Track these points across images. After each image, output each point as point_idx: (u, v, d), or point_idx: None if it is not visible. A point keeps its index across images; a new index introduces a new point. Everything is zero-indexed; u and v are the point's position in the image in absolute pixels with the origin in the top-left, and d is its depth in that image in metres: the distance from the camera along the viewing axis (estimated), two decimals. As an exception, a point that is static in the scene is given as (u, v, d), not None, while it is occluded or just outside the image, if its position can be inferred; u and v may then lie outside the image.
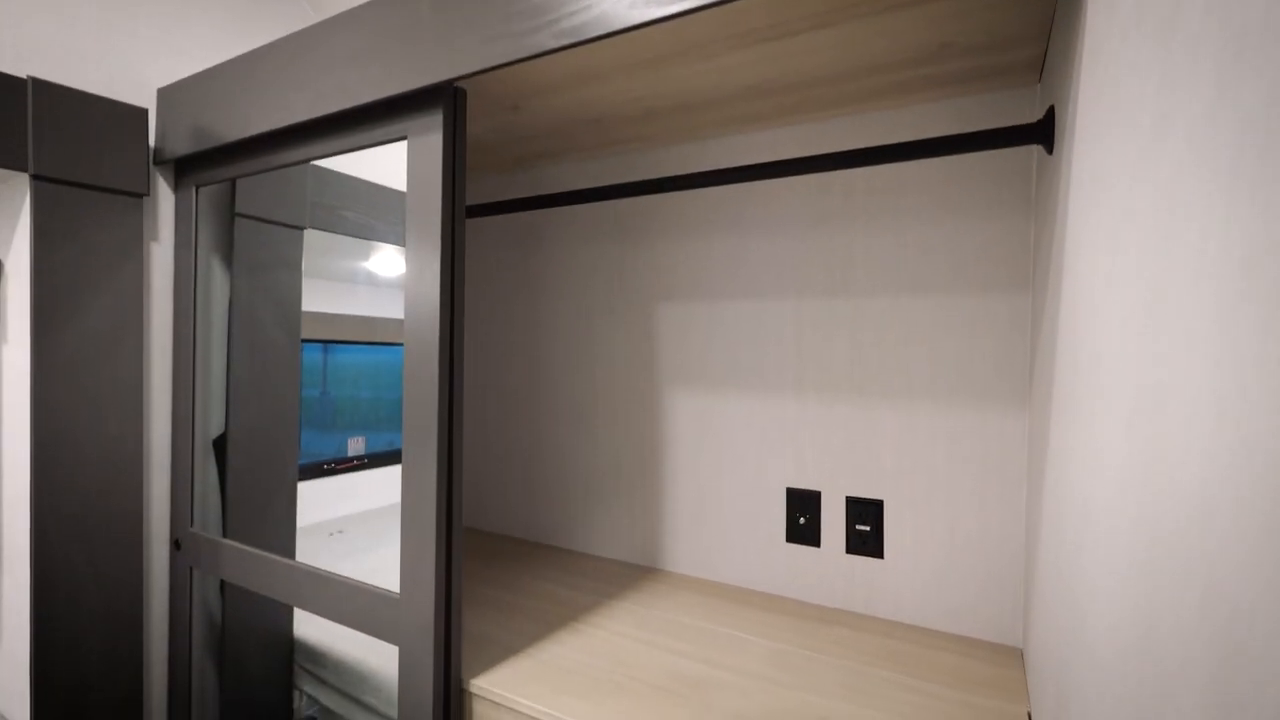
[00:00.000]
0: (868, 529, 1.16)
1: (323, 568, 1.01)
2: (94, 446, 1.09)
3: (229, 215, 1.29)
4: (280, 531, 1.36)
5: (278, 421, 1.34)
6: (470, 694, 0.91)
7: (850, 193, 1.14)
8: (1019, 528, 1.04)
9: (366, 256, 2.03)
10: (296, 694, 1.39)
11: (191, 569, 1.20)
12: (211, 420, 1.29)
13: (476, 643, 1.03)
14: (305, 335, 2.32)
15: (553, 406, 1.54)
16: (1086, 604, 0.51)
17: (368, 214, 1.56)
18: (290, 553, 1.38)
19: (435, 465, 0.85)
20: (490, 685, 0.89)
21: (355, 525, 2.15)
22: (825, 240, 1.17)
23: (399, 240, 1.67)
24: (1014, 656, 1.00)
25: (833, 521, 1.19)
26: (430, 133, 0.87)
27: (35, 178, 1.01)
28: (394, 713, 1.22)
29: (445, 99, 0.86)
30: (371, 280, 2.26)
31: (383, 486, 2.70)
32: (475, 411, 1.70)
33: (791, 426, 1.23)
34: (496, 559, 1.46)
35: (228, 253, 1.30)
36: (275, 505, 1.34)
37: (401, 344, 0.90)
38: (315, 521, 2.23)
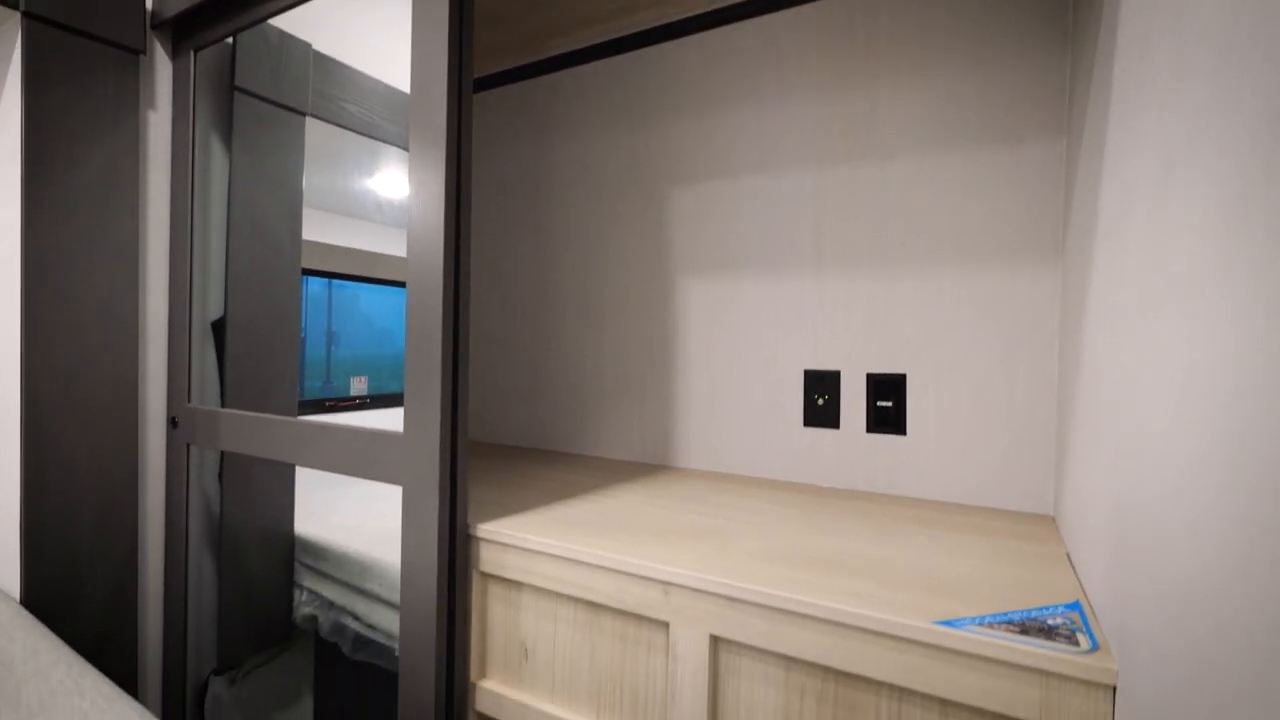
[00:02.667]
0: (889, 405, 1.11)
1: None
2: (88, 304, 1.05)
3: (228, 90, 1.25)
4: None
5: (279, 307, 1.30)
6: (476, 538, 0.86)
7: (873, 39, 1.09)
8: (1050, 391, 0.99)
9: (371, 173, 1.99)
10: (297, 591, 1.36)
11: (189, 446, 1.16)
12: (210, 302, 1.25)
13: (481, 505, 0.98)
14: (309, 265, 2.29)
15: (560, 313, 1.50)
16: (1150, 472, 0.46)
17: (371, 110, 1.52)
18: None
19: (441, 302, 0.81)
20: (497, 529, 0.85)
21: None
22: (845, 101, 1.12)
23: (403, 142, 1.62)
24: (1044, 521, 0.95)
25: (852, 401, 1.15)
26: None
27: (27, 15, 0.97)
28: (396, 597, 1.18)
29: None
30: (376, 204, 2.22)
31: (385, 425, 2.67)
32: (480, 321, 1.65)
33: (810, 307, 1.18)
34: (500, 461, 1.42)
35: (227, 132, 1.26)
36: (276, 394, 1.30)
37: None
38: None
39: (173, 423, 1.18)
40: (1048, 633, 0.55)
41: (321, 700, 1.42)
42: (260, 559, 1.31)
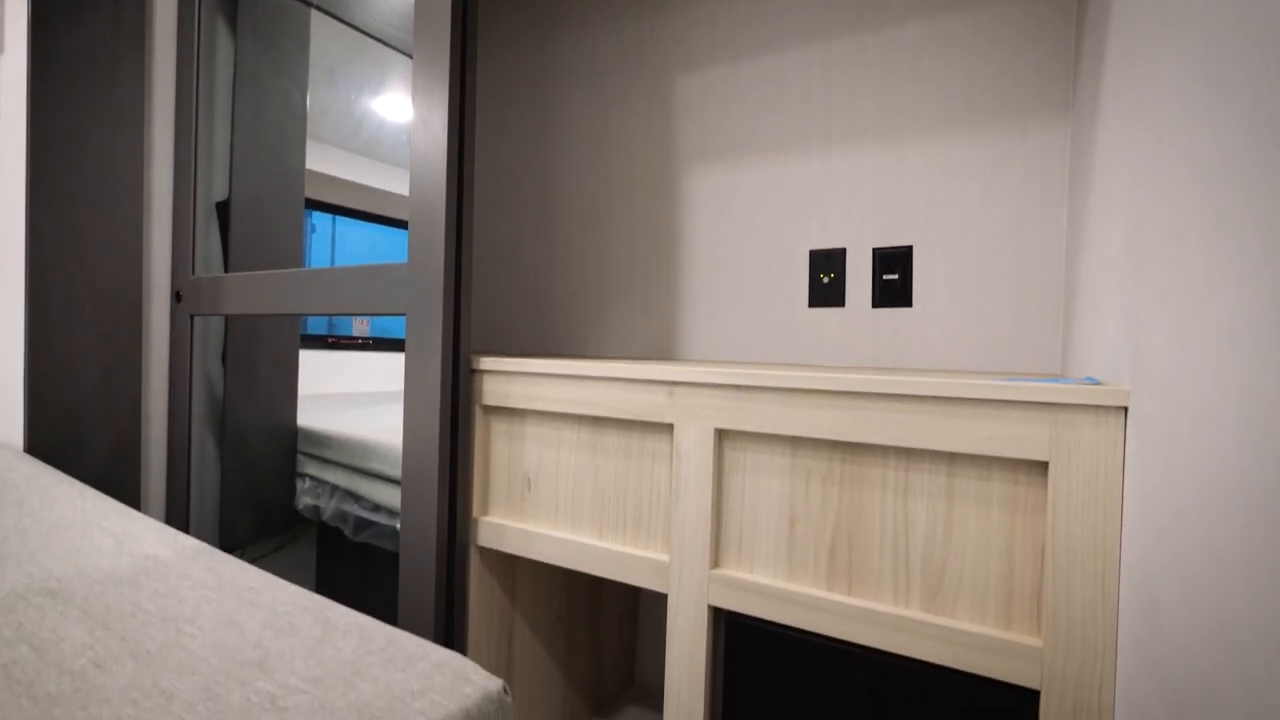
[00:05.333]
0: (895, 278, 1.11)
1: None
2: (92, 166, 1.05)
3: (232, -32, 1.24)
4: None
5: (283, 190, 1.29)
6: (479, 372, 0.86)
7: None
8: (1059, 251, 0.98)
9: (377, 92, 1.99)
10: (300, 481, 1.36)
11: (192, 319, 1.16)
12: (215, 183, 1.24)
13: (483, 354, 0.98)
14: (313, 196, 2.28)
15: (564, 216, 1.49)
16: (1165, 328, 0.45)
17: (375, 10, 1.51)
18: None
19: (445, 114, 0.80)
20: (499, 362, 0.85)
21: (358, 402, 2.10)
22: (857, -30, 1.10)
23: (407, 46, 1.61)
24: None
25: (858, 277, 1.14)
26: None
27: None
28: (398, 473, 1.18)
29: None
30: (379, 129, 2.22)
31: (386, 372, 2.67)
32: (482, 232, 1.65)
33: (816, 186, 1.17)
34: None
35: (233, 15, 1.25)
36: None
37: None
38: (315, 392, 2.20)
39: (176, 296, 1.18)
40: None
41: (324, 583, 1.42)
42: (263, 444, 1.31)
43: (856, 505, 0.61)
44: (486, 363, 0.85)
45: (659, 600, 1.25)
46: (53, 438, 1.03)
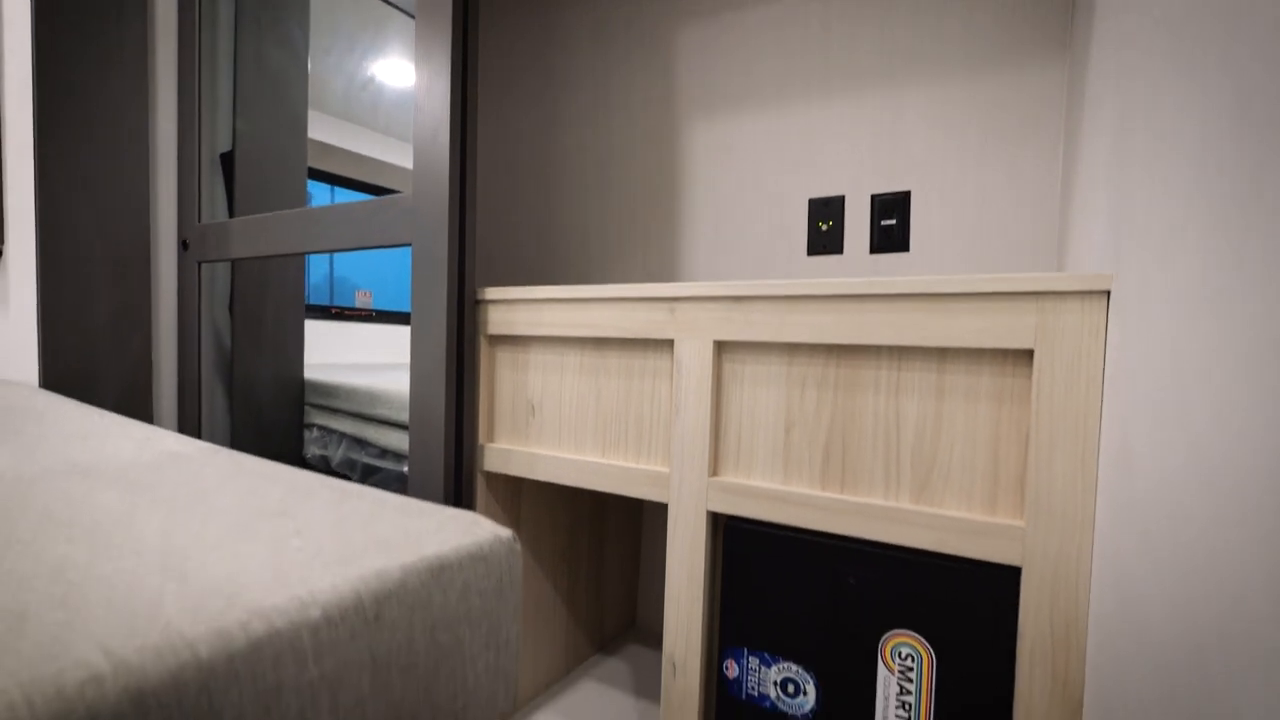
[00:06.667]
0: (893, 223, 1.12)
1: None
2: (97, 104, 1.06)
3: (235, -80, 1.25)
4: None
5: (285, 139, 1.30)
6: (484, 302, 0.88)
7: None
8: (1055, 189, 1.00)
9: (378, 57, 1.99)
10: (308, 431, 1.38)
11: (200, 266, 1.18)
12: (219, 134, 1.26)
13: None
14: (311, 164, 2.28)
15: (565, 173, 1.50)
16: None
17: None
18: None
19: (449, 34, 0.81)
20: (504, 292, 0.87)
21: (362, 372, 2.12)
22: (855, -82, 1.11)
23: (408, 6, 1.62)
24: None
25: (856, 224, 1.16)
26: None
27: None
28: (405, 417, 1.21)
29: None
30: (378, 95, 2.22)
31: (390, 344, 2.69)
32: (485, 191, 1.66)
33: (816, 134, 1.18)
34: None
35: (234, -35, 1.26)
36: (285, 233, 1.32)
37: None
38: (319, 362, 2.22)
39: (183, 244, 1.20)
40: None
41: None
42: (271, 395, 1.33)
43: (850, 408, 0.63)
44: (491, 292, 0.87)
45: (660, 543, 1.28)
46: (66, 380, 1.05)
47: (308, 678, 0.29)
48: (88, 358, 1.07)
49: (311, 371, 1.48)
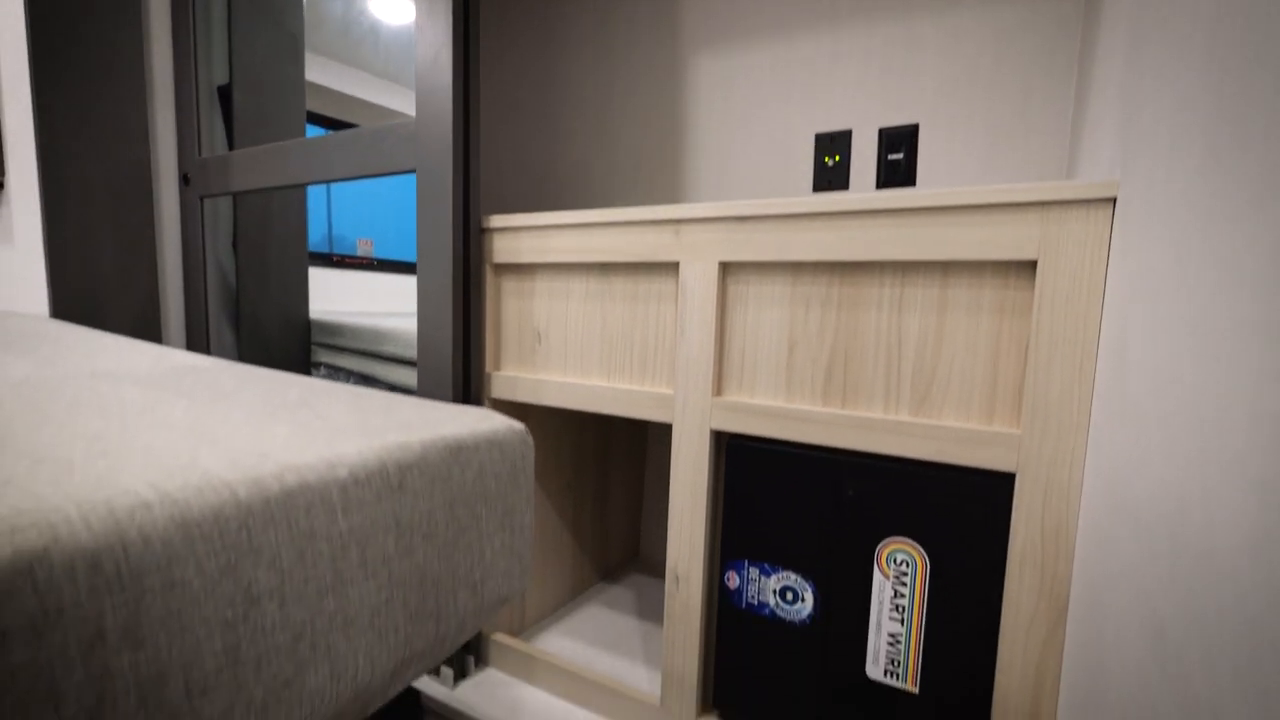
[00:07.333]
0: (900, 157, 1.11)
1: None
2: (91, 34, 1.04)
3: None
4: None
5: (283, 71, 1.28)
6: (490, 230, 0.88)
7: None
8: (1067, 118, 0.99)
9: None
10: (314, 371, 1.40)
11: (202, 201, 1.17)
12: (215, 66, 1.23)
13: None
14: (313, 109, 2.24)
15: (568, 117, 1.48)
16: None
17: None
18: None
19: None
20: (510, 219, 0.87)
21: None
22: None
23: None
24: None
25: (863, 159, 1.14)
26: None
27: None
28: (413, 354, 1.22)
29: None
30: (373, 31, 2.17)
31: (393, 295, 2.68)
32: (486, 140, 1.63)
33: (823, 67, 1.16)
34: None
35: (225, -113, 1.22)
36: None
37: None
38: (321, 310, 2.22)
39: (184, 179, 1.19)
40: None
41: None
42: (278, 332, 1.34)
43: (852, 326, 0.64)
44: (496, 220, 0.88)
45: (663, 477, 1.31)
46: (75, 315, 1.06)
47: (338, 529, 0.31)
48: (95, 292, 1.08)
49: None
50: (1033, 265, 0.56)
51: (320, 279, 2.41)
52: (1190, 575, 0.33)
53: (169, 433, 0.34)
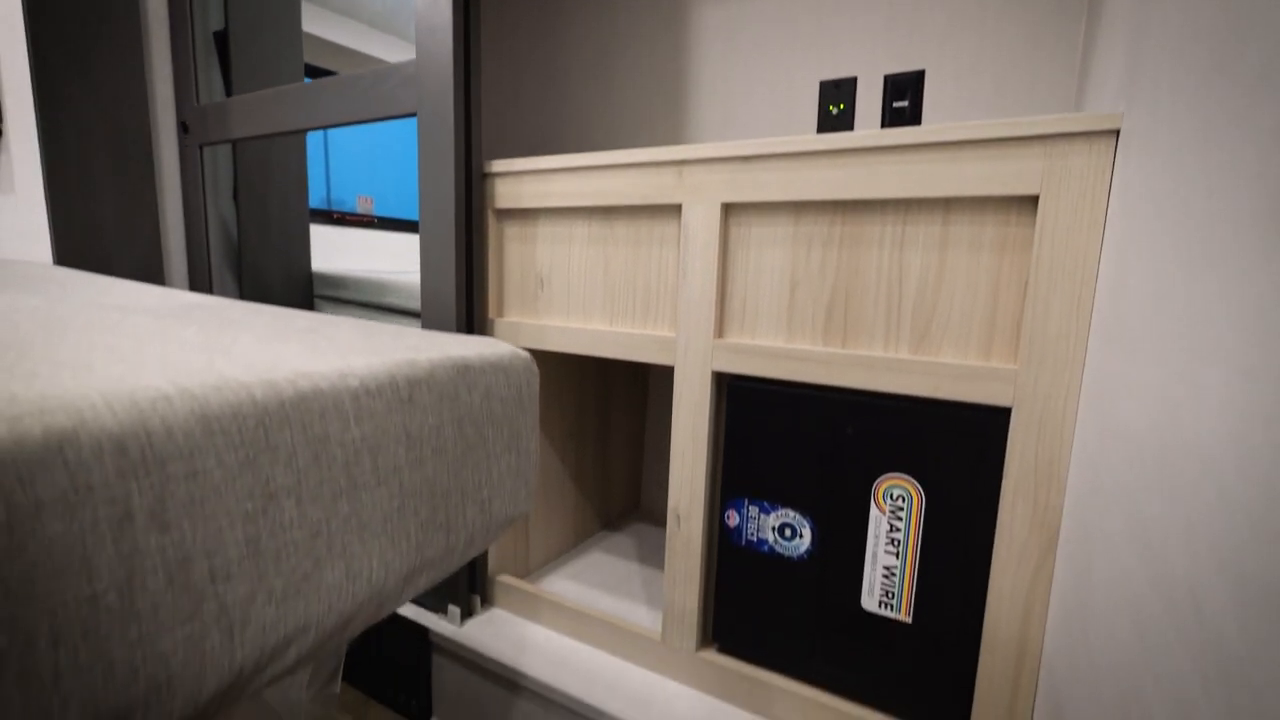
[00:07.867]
0: (905, 104, 1.09)
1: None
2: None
3: None
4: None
5: (280, 9, 1.26)
6: (491, 175, 0.88)
7: None
8: (1073, 67, 0.97)
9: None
10: (318, 323, 1.41)
11: (201, 149, 1.17)
12: (210, 10, 1.21)
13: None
14: (310, 60, 2.19)
15: (566, 72, 1.45)
16: None
17: None
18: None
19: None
20: (511, 163, 0.86)
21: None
22: None
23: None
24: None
25: (868, 107, 1.13)
26: None
27: None
28: (416, 305, 1.23)
29: None
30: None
31: (395, 254, 2.67)
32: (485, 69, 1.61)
33: (829, 11, 1.13)
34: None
35: None
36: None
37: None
38: (321, 269, 2.21)
39: (183, 127, 1.18)
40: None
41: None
42: (280, 283, 1.34)
43: (854, 264, 0.65)
44: (498, 165, 0.87)
45: (664, 427, 1.33)
46: (78, 264, 1.07)
47: (350, 436, 0.32)
48: (98, 241, 1.08)
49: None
50: (1034, 200, 0.56)
51: (320, 236, 2.39)
52: (1177, 473, 0.34)
53: (182, 348, 0.35)
